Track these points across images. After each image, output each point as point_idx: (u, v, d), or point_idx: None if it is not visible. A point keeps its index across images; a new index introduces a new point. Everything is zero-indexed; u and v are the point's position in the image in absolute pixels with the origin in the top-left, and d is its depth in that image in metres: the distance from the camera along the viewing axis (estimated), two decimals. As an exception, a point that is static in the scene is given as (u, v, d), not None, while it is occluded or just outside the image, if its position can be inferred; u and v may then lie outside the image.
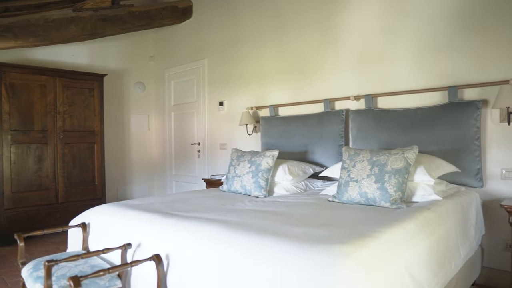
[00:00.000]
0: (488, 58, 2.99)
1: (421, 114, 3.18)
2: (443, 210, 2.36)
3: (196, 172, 5.52)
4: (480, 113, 2.92)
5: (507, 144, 2.92)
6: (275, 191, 3.26)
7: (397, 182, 2.43)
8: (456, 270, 2.35)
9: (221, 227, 1.90)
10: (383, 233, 1.77)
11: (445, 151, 3.02)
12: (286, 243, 1.62)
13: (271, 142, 4.23)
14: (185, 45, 5.66)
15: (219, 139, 5.15)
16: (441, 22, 3.21)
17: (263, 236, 1.73)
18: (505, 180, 2.93)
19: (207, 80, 5.32)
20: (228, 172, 3.45)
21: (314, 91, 4.04)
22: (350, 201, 2.59)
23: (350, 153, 2.77)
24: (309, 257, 1.48)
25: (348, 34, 3.79)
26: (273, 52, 4.44)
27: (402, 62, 3.43)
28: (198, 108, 5.48)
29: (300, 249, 1.55)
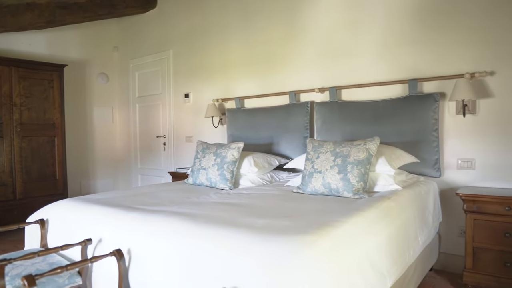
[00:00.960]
0: (446, 53, 3.09)
1: (383, 106, 3.26)
2: (402, 199, 2.43)
3: (162, 165, 5.43)
4: (438, 105, 3.03)
5: (462, 135, 3.04)
6: (240, 183, 3.25)
7: (359, 173, 2.48)
8: (415, 256, 2.44)
9: (183, 220, 1.88)
10: (344, 223, 1.80)
11: (406, 142, 3.12)
12: (249, 234, 1.62)
13: (237, 134, 4.22)
14: (150, 36, 5.53)
15: (185, 132, 5.08)
16: (403, 16, 3.29)
17: (226, 228, 1.72)
18: (460, 169, 3.06)
19: (172, 71, 5.22)
20: (194, 164, 3.41)
21: (280, 83, 4.06)
22: (314, 192, 2.63)
23: (314, 145, 2.80)
24: (271, 248, 1.49)
25: (313, 26, 3.82)
26: (240, 44, 4.41)
27: (365, 55, 3.49)
28: (163, 100, 5.38)
29: (263, 240, 1.55)
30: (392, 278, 1.99)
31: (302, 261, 1.40)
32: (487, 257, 2.65)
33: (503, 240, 2.59)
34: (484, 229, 2.66)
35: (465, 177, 3.05)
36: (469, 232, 2.71)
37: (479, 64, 2.95)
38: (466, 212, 2.72)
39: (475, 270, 2.69)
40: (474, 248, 2.70)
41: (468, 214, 2.71)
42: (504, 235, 2.58)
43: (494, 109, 2.91)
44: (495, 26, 2.89)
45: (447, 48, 3.08)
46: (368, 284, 1.71)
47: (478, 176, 3.00)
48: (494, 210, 2.61)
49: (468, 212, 2.71)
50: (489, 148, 2.94)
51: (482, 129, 2.96)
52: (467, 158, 3.03)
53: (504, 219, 2.59)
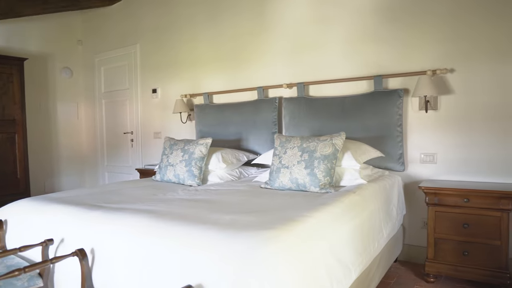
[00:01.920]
0: (410, 50, 3.17)
1: (350, 102, 3.31)
2: (367, 193, 2.49)
3: (129, 162, 5.32)
4: (402, 101, 3.11)
5: (425, 130, 3.14)
6: (209, 180, 3.23)
7: (326, 168, 2.51)
8: (380, 249, 2.50)
9: (148, 218, 1.85)
10: (309, 217, 1.82)
11: (371, 137, 3.18)
12: (214, 231, 1.61)
13: (205, 130, 4.19)
14: (116, 29, 5.38)
15: (153, 128, 5.00)
16: (369, 13, 3.35)
17: (192, 225, 1.70)
18: (423, 163, 3.16)
19: (139, 66, 5.11)
20: (161, 161, 3.36)
21: (249, 79, 4.05)
22: (282, 187, 2.64)
23: (282, 140, 2.81)
24: (236, 244, 1.48)
25: (281, 22, 3.82)
26: (208, 39, 4.36)
27: (333, 51, 3.53)
28: (130, 96, 5.27)
29: (228, 236, 1.55)
30: (357, 270, 2.03)
31: (265, 256, 1.40)
32: (447, 247, 2.76)
33: (462, 230, 2.69)
34: (444, 221, 2.76)
35: (427, 170, 3.15)
36: (431, 224, 2.80)
37: (441, 62, 3.05)
38: (428, 204, 2.81)
39: (436, 260, 2.79)
40: (436, 239, 2.79)
41: (430, 207, 2.80)
42: (463, 226, 2.69)
43: (454, 105, 3.02)
44: (455, 26, 2.99)
45: (411, 45, 3.17)
46: (333, 277, 1.74)
47: (439, 169, 3.11)
48: (453, 202, 2.72)
49: (430, 205, 2.80)
50: (449, 143, 3.05)
51: (443, 125, 3.07)
52: (429, 153, 3.13)
53: (462, 210, 2.69)
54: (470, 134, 2.98)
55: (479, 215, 2.65)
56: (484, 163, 2.94)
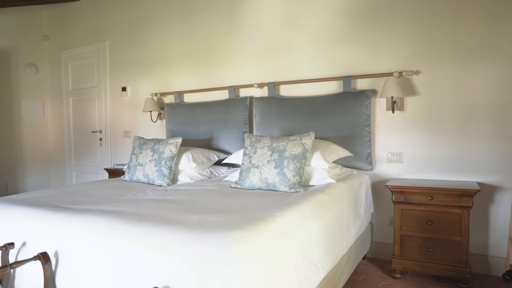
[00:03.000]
0: (378, 52, 3.24)
1: (320, 102, 3.35)
2: (336, 192, 2.53)
3: (98, 161, 5.20)
4: (370, 102, 3.18)
5: (391, 130, 3.22)
6: (179, 179, 3.20)
7: (295, 167, 2.54)
8: (348, 246, 2.55)
9: (114, 219, 1.81)
10: (278, 217, 1.83)
11: (340, 137, 3.24)
12: (181, 232, 1.59)
13: (176, 129, 4.14)
14: (85, 25, 5.23)
15: (122, 127, 4.90)
16: (339, 15, 3.40)
17: (159, 226, 1.68)
18: (390, 163, 3.24)
19: (108, 63, 5.00)
20: (130, 161, 3.30)
21: (220, 78, 4.03)
22: (252, 186, 2.65)
23: (252, 140, 2.82)
24: (203, 245, 1.47)
25: (253, 21, 3.83)
26: (181, 37, 4.31)
27: (303, 52, 3.57)
28: (99, 94, 5.14)
29: (195, 237, 1.53)
30: (325, 268, 2.07)
31: (233, 257, 1.40)
32: (413, 243, 2.84)
33: (426, 227, 2.78)
34: (410, 218, 2.84)
35: (394, 169, 3.24)
36: (397, 221, 2.88)
37: (407, 64, 3.14)
38: (394, 202, 2.88)
39: (402, 257, 2.87)
40: (402, 236, 2.87)
41: (396, 205, 2.88)
42: (427, 223, 2.77)
43: (420, 106, 3.11)
44: (421, 29, 3.08)
45: (379, 47, 3.24)
46: (301, 276, 1.76)
47: (405, 168, 3.20)
48: (418, 200, 2.80)
49: (396, 203, 2.87)
50: (415, 143, 3.14)
51: (409, 125, 3.15)
52: (396, 152, 3.21)
53: (426, 208, 2.78)
54: (434, 134, 3.08)
55: (442, 213, 2.74)
56: (447, 162, 3.05)
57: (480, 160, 2.95)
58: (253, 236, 1.56)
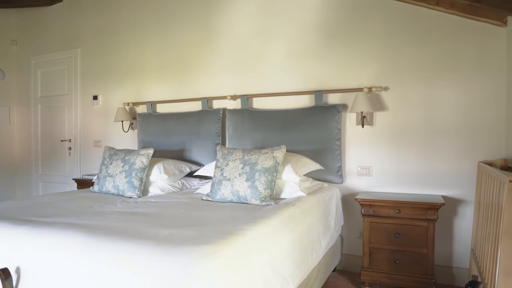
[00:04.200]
0: (349, 67, 3.33)
1: (292, 115, 3.40)
2: (306, 205, 2.56)
3: (66, 171, 5.05)
4: (341, 116, 3.25)
5: (361, 144, 3.30)
6: (150, 191, 3.16)
7: (267, 180, 2.56)
8: (318, 259, 2.58)
9: (80, 233, 1.76)
10: (248, 231, 1.84)
11: (312, 150, 3.29)
12: (150, 246, 1.57)
13: (148, 140, 4.09)
14: (56, 31, 5.12)
15: (93, 136, 4.79)
16: (311, 30, 3.48)
17: (127, 240, 1.65)
18: (360, 176, 3.31)
19: (80, 71, 4.90)
20: (100, 171, 3.24)
21: (193, 89, 4.03)
22: (223, 199, 2.64)
23: (224, 152, 2.82)
24: (172, 260, 1.46)
25: (227, 33, 3.86)
26: (153, 47, 4.29)
27: (276, 65, 3.62)
28: (69, 102, 5.02)
29: (164, 252, 1.52)
30: (295, 282, 2.08)
31: (202, 273, 1.39)
32: (381, 256, 2.90)
33: (394, 240, 2.85)
34: (378, 231, 2.90)
35: (364, 183, 3.31)
36: (366, 234, 2.94)
37: (376, 80, 3.24)
38: (363, 215, 2.94)
39: (371, 269, 2.92)
40: (371, 248, 2.93)
41: (365, 218, 2.94)
42: (395, 236, 2.84)
43: (388, 121, 3.21)
44: (390, 47, 3.20)
45: (350, 63, 3.33)
46: (270, 290, 1.77)
47: (375, 182, 3.27)
48: (386, 213, 2.87)
49: (365, 216, 2.93)
50: (383, 157, 3.23)
51: (378, 139, 3.24)
52: (365, 166, 3.29)
53: (394, 221, 2.85)
54: (401, 149, 3.17)
55: (409, 225, 2.82)
56: (414, 175, 3.14)
57: (444, 174, 3.06)
58: (223, 251, 1.56)
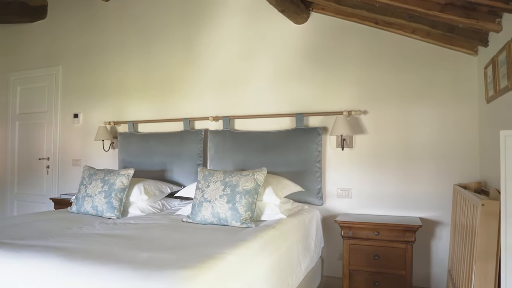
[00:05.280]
0: (329, 91, 3.42)
1: (273, 137, 3.44)
2: (286, 228, 2.57)
3: (44, 190, 4.94)
4: (321, 138, 3.31)
5: (341, 166, 3.36)
6: (129, 212, 3.12)
7: (247, 202, 2.56)
8: (298, 282, 2.57)
9: (57, 257, 1.73)
10: (228, 254, 1.83)
11: (293, 172, 3.32)
12: (128, 271, 1.55)
13: (128, 160, 4.06)
14: (37, 48, 5.08)
15: (72, 155, 4.72)
16: (293, 54, 3.56)
17: (105, 264, 1.63)
18: (340, 198, 3.36)
19: (61, 89, 4.85)
20: (79, 191, 3.19)
21: (176, 109, 4.04)
22: (204, 221, 2.64)
23: (205, 174, 2.83)
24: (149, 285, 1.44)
25: (210, 55, 3.91)
26: (137, 67, 4.30)
27: (258, 87, 3.68)
28: (49, 119, 4.95)
29: (142, 277, 1.50)
30: (275, 305, 2.07)
31: (181, 298, 1.39)
32: (360, 278, 2.92)
33: (373, 262, 2.88)
34: (358, 253, 2.93)
35: (344, 204, 3.35)
36: (346, 256, 2.96)
37: (356, 104, 3.32)
38: (343, 237, 2.97)
39: (350, 291, 2.94)
40: (350, 270, 2.95)
41: (345, 240, 2.96)
42: (374, 258, 2.87)
43: (367, 144, 3.29)
44: (368, 72, 3.31)
45: (330, 87, 3.42)
46: (249, 314, 1.76)
47: (354, 203, 3.32)
48: (365, 235, 2.91)
49: (345, 238, 2.96)
50: (363, 179, 3.29)
51: (358, 162, 3.31)
52: (345, 188, 3.34)
53: (373, 243, 2.89)
54: (380, 171, 3.24)
55: (387, 247, 2.86)
56: (392, 197, 3.21)
57: (422, 196, 3.13)
58: (202, 275, 1.55)
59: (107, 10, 4.53)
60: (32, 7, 4.91)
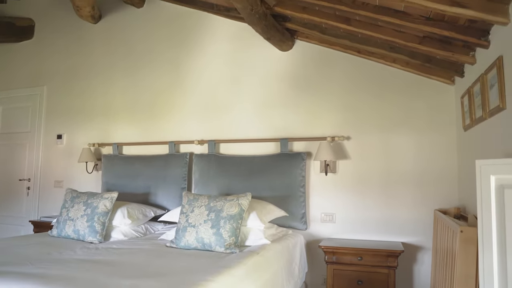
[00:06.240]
0: (313, 117, 3.49)
1: (258, 161, 3.47)
2: (271, 253, 2.57)
3: (23, 212, 4.82)
4: (305, 163, 3.35)
5: (325, 191, 3.40)
6: (112, 236, 3.08)
7: (232, 228, 2.57)
8: (282, 308, 2.56)
9: (34, 285, 1.69)
10: (211, 282, 1.83)
11: (277, 196, 3.34)
12: (110, 300, 1.54)
13: (112, 182, 4.02)
14: (22, 68, 5.05)
15: (54, 176, 4.65)
16: (279, 81, 3.64)
17: (86, 293, 1.61)
18: (323, 222, 3.38)
19: (45, 109, 4.81)
20: (60, 215, 3.14)
21: (161, 132, 4.05)
22: (187, 246, 2.62)
23: (189, 198, 2.83)
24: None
25: (197, 79, 3.96)
26: (123, 89, 4.31)
27: (244, 112, 3.73)
28: (31, 140, 4.89)
29: (124, 306, 1.49)
30: (258, 332, 2.06)
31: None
32: (344, 303, 2.92)
33: (356, 287, 2.89)
34: (341, 278, 2.94)
35: (327, 229, 3.37)
36: (329, 281, 2.96)
37: (339, 129, 3.39)
38: (327, 262, 2.98)
39: (334, 317, 2.93)
40: (334, 296, 2.95)
41: (329, 265, 2.97)
42: (357, 283, 2.88)
43: (350, 169, 3.34)
44: (351, 99, 3.39)
45: (314, 112, 3.48)
46: None
47: (338, 228, 3.35)
48: (349, 260, 2.92)
49: (329, 263, 2.97)
50: (346, 204, 3.33)
51: (341, 187, 3.35)
52: (329, 212, 3.37)
53: (357, 268, 2.91)
54: (363, 196, 3.29)
55: (371, 272, 2.88)
56: (375, 222, 3.24)
57: (404, 221, 3.18)
58: (184, 304, 1.54)
59: (94, 32, 4.57)
60: (19, 27, 4.92)
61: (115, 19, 4.47)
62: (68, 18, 4.69)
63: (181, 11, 4.09)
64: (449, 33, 2.24)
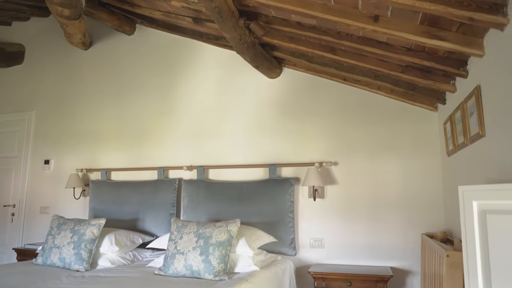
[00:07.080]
0: (301, 143, 3.54)
1: (247, 187, 3.49)
2: (260, 280, 2.56)
3: (6, 240, 4.71)
4: (294, 189, 3.38)
5: (313, 217, 3.42)
6: (99, 264, 3.03)
7: (221, 255, 2.56)
8: (270, 336, 2.53)
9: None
10: (200, 310, 1.81)
11: (266, 222, 3.34)
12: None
13: (100, 208, 3.98)
14: (11, 92, 5.04)
15: (41, 202, 4.58)
16: (267, 108, 3.70)
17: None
18: (313, 248, 3.38)
19: (33, 134, 4.79)
20: (46, 242, 3.09)
21: (150, 158, 4.05)
22: (176, 274, 2.59)
23: (178, 225, 2.82)
24: None
25: (186, 105, 4.00)
26: (112, 115, 4.33)
27: (233, 138, 3.77)
28: (18, 165, 4.83)
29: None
30: None
31: None
32: (334, 331, 2.89)
33: (346, 314, 2.87)
34: (331, 304, 2.92)
35: (316, 255, 3.37)
36: (319, 308, 2.94)
37: (327, 155, 3.45)
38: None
39: None
40: (323, 323, 2.92)
41: (318, 291, 2.96)
42: (347, 310, 2.87)
43: (338, 194, 3.38)
44: (338, 126, 3.46)
45: (302, 139, 3.54)
46: None
47: (327, 253, 3.35)
48: (338, 286, 2.92)
49: (318, 289, 2.96)
50: (335, 229, 3.35)
51: (329, 212, 3.38)
52: (318, 238, 3.38)
53: (346, 294, 2.90)
54: (351, 221, 3.31)
55: (360, 298, 2.87)
56: (363, 247, 3.26)
57: (392, 246, 3.20)
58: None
59: (84, 58, 4.62)
60: (9, 53, 4.94)
61: (105, 45, 4.53)
62: (58, 44, 4.74)
63: (171, 39, 4.17)
64: (430, 63, 2.34)
